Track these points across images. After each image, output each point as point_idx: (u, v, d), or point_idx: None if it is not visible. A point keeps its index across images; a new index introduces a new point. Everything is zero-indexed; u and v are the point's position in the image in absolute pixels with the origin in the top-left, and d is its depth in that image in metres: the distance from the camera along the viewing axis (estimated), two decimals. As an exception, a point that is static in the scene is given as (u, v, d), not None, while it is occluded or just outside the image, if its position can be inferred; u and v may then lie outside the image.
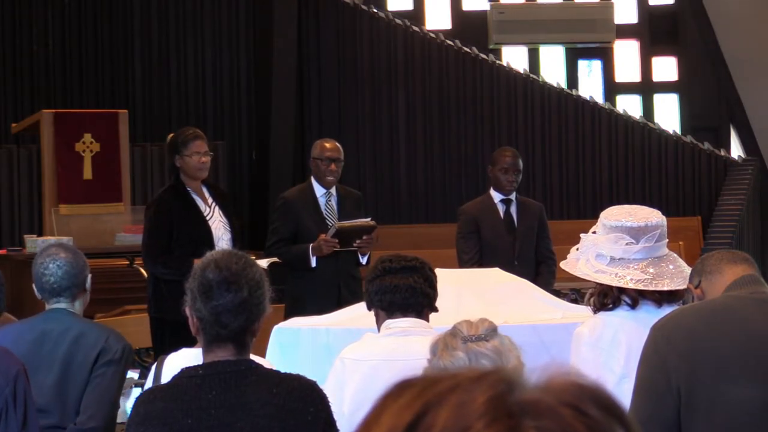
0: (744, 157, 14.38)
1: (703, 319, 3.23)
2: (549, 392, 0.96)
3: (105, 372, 4.40)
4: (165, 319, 6.45)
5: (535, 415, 0.94)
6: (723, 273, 3.36)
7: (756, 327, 3.20)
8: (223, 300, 3.11)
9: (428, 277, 4.13)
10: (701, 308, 3.30)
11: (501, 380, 0.97)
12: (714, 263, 3.40)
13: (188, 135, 6.80)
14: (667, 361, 3.17)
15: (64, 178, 10.28)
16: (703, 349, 3.16)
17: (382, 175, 13.66)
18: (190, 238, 6.54)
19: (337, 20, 13.81)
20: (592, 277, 3.79)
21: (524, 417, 0.94)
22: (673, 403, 3.15)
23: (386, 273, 4.12)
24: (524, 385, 0.97)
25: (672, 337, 3.20)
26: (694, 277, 3.48)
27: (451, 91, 13.71)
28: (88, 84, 13.51)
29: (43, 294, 4.53)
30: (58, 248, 4.64)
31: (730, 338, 3.17)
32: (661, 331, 3.24)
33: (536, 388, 0.97)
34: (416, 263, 4.13)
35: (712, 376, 3.13)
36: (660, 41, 15.61)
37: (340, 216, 7.09)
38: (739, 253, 3.51)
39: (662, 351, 3.19)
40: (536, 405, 0.95)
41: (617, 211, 3.86)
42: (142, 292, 7.35)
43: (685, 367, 3.15)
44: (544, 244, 7.40)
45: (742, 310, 3.24)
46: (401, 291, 4.08)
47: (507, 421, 0.93)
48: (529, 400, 0.95)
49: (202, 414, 3.06)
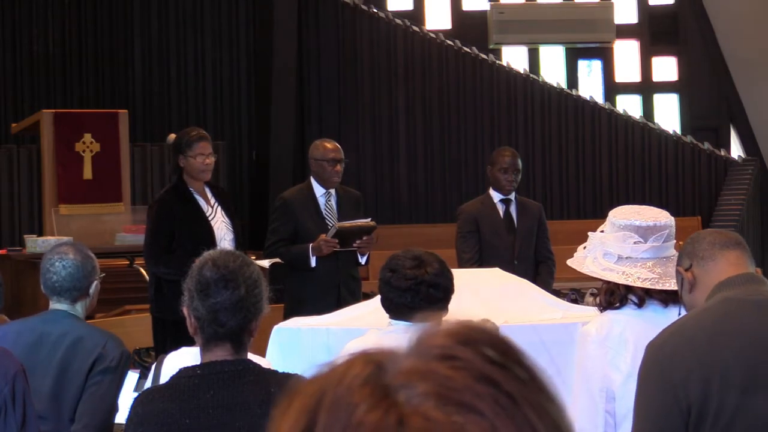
0: (744, 157, 14.38)
1: (705, 330, 3.15)
2: (419, 354, 0.93)
3: (101, 380, 4.35)
4: (166, 319, 6.45)
5: (411, 384, 0.91)
6: (716, 260, 3.27)
7: (759, 334, 3.14)
8: (221, 298, 3.10)
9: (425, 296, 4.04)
10: (701, 319, 3.21)
11: (368, 362, 0.93)
12: (707, 248, 3.29)
13: (193, 136, 6.77)
14: (673, 377, 3.08)
15: (64, 178, 10.28)
16: (709, 362, 3.09)
17: (382, 175, 13.66)
18: (192, 238, 6.52)
19: (337, 20, 13.81)
20: (599, 274, 3.80)
21: (401, 390, 0.91)
22: (682, 421, 3.07)
23: (385, 284, 4.10)
24: (395, 358, 0.93)
25: (675, 353, 3.12)
26: (684, 260, 3.36)
27: (451, 91, 13.71)
28: (88, 84, 13.51)
29: (45, 290, 4.52)
30: (69, 248, 4.60)
31: (735, 348, 3.10)
32: (662, 348, 3.15)
33: (408, 356, 0.93)
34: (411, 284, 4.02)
35: (720, 388, 3.05)
36: (660, 41, 15.60)
37: (339, 216, 7.09)
38: (731, 234, 3.39)
39: (666, 368, 3.11)
40: (409, 373, 0.92)
41: (626, 211, 3.88)
42: (142, 292, 7.35)
43: (693, 382, 3.07)
44: (543, 244, 7.40)
45: (743, 316, 3.16)
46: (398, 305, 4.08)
47: (384, 401, 0.90)
48: (402, 371, 0.92)
49: (200, 414, 3.05)
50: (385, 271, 4.14)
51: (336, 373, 0.94)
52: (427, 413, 0.89)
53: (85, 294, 4.51)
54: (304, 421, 0.92)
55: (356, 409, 0.90)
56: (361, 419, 0.90)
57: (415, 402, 0.90)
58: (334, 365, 0.95)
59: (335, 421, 0.90)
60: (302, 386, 0.95)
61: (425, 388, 0.91)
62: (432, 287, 4.05)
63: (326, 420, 0.91)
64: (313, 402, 0.92)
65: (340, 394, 0.92)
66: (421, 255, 4.13)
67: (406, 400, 0.90)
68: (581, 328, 3.91)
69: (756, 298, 3.20)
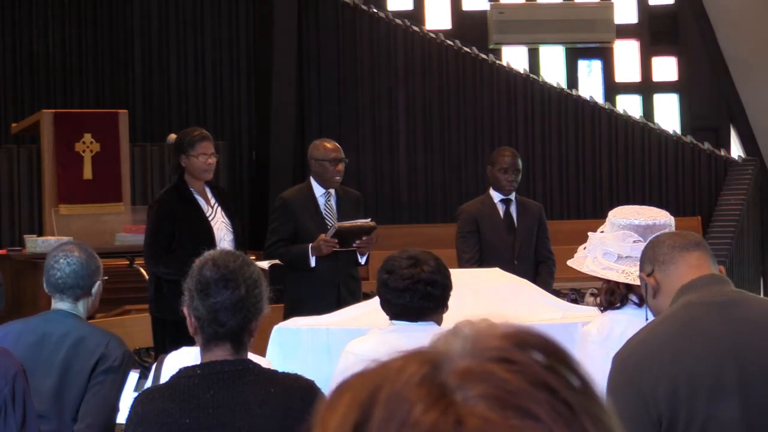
0: (744, 157, 14.37)
1: (670, 337, 3.10)
2: (476, 355, 0.92)
3: (104, 380, 4.37)
4: (166, 319, 6.45)
5: (468, 385, 0.90)
6: (677, 263, 3.24)
7: (724, 337, 3.07)
8: (221, 297, 3.11)
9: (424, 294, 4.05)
10: (665, 326, 3.15)
11: (424, 361, 0.93)
12: (666, 251, 3.26)
13: (195, 135, 6.77)
14: (641, 387, 3.04)
15: (64, 178, 10.28)
16: (675, 370, 3.04)
17: (382, 175, 13.65)
18: (192, 238, 6.52)
19: (337, 20, 13.81)
20: (599, 273, 3.80)
21: (457, 391, 0.90)
22: (654, 431, 3.02)
23: (383, 286, 4.11)
24: (451, 357, 0.93)
25: (643, 362, 3.07)
26: (645, 265, 3.33)
27: (451, 91, 13.71)
28: (88, 84, 13.51)
29: (48, 288, 4.52)
30: (74, 246, 4.62)
31: (700, 354, 3.05)
32: (629, 358, 3.11)
33: (463, 356, 0.93)
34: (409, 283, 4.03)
35: (689, 396, 3.01)
36: (660, 41, 15.60)
37: (339, 216, 7.08)
38: (690, 236, 3.34)
39: (634, 379, 3.06)
40: (465, 373, 0.91)
41: (626, 210, 3.90)
42: (142, 292, 7.35)
43: (662, 390, 3.02)
44: (543, 244, 7.40)
45: (706, 320, 3.10)
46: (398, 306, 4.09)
47: (442, 401, 0.89)
48: (458, 371, 0.91)
49: (200, 414, 3.05)
50: (382, 273, 4.14)
51: (391, 369, 0.93)
52: (484, 415, 0.89)
53: (87, 293, 4.52)
54: (355, 415, 0.91)
55: (413, 407, 0.89)
56: (418, 418, 0.89)
57: (472, 403, 0.89)
58: (386, 362, 0.94)
59: (391, 417, 0.89)
60: (351, 380, 0.94)
61: (482, 390, 0.90)
62: (429, 285, 4.05)
63: (382, 415, 0.90)
64: (366, 396, 0.92)
65: (397, 390, 0.91)
66: (417, 254, 4.14)
67: (463, 401, 0.89)
68: (582, 329, 3.92)
69: (719, 300, 3.15)
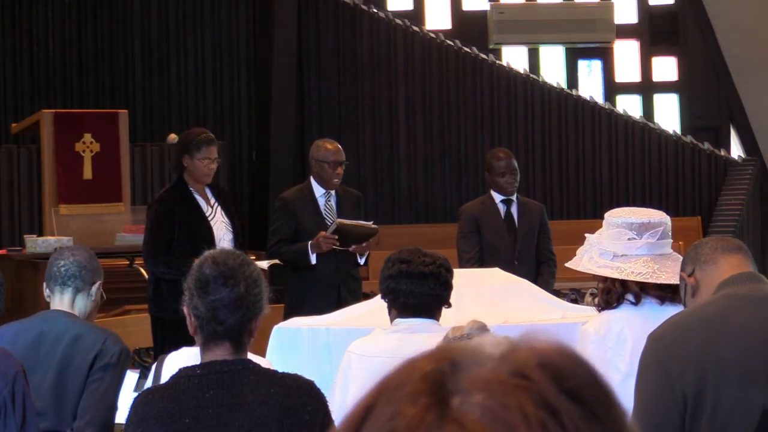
0: (744, 157, 14.38)
1: (704, 323, 3.16)
2: (500, 362, 0.91)
3: (103, 376, 4.38)
4: (165, 319, 6.44)
5: (470, 391, 0.89)
6: (717, 263, 3.30)
7: (759, 329, 3.15)
8: (220, 295, 3.10)
9: (444, 280, 4.14)
10: (701, 312, 3.22)
11: (442, 358, 0.92)
12: (708, 252, 3.32)
13: (202, 138, 6.71)
14: (670, 368, 3.11)
15: (64, 178, 10.28)
16: (706, 355, 3.10)
17: (382, 174, 13.66)
18: (192, 237, 6.52)
19: (337, 20, 13.81)
20: (594, 271, 3.83)
21: (457, 394, 0.89)
22: (679, 412, 3.08)
23: (402, 276, 4.11)
24: (477, 359, 0.91)
25: (674, 344, 3.14)
26: (687, 265, 3.40)
27: (451, 91, 13.71)
28: (88, 84, 13.51)
29: (48, 283, 4.53)
30: (79, 248, 4.75)
31: (732, 342, 3.11)
32: (661, 339, 3.17)
33: (488, 361, 0.91)
34: (433, 268, 4.11)
35: (717, 381, 3.06)
36: (660, 41, 15.60)
37: (339, 216, 7.08)
38: (732, 240, 3.43)
39: (664, 359, 3.12)
40: (475, 380, 0.89)
41: (621, 210, 3.98)
42: (142, 292, 7.35)
43: (690, 373, 3.08)
44: (544, 244, 7.39)
45: (743, 311, 3.17)
46: (416, 296, 4.10)
47: (431, 399, 0.88)
48: (470, 375, 0.90)
49: (200, 413, 3.05)
50: (398, 265, 4.13)
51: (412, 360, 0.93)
52: (466, 423, 0.87)
53: (87, 288, 4.53)
54: (365, 405, 0.91)
55: (406, 398, 0.89)
56: (401, 410, 0.89)
57: (465, 409, 0.88)
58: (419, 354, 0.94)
59: (386, 408, 0.90)
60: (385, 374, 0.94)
61: (481, 399, 0.88)
62: (448, 271, 4.14)
63: (381, 405, 0.90)
64: (379, 388, 0.92)
65: (402, 381, 0.91)
66: (416, 249, 4.19)
67: (457, 405, 0.88)
68: (580, 328, 3.93)
69: (758, 294, 3.22)
